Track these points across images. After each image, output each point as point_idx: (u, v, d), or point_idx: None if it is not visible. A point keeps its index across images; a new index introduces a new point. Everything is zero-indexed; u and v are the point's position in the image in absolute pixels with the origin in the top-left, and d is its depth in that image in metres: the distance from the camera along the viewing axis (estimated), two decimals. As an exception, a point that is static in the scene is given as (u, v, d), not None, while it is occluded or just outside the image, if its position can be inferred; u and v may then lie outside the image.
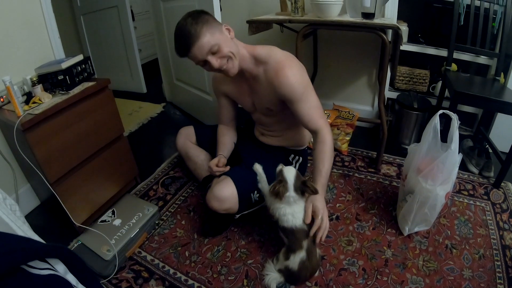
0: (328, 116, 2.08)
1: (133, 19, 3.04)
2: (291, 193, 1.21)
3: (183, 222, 1.60)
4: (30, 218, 1.71)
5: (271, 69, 1.29)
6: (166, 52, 2.53)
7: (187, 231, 1.55)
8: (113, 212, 1.61)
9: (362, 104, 2.36)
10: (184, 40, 1.19)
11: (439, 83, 2.27)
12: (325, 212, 1.24)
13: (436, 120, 1.40)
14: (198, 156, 1.69)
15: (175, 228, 1.57)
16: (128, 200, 1.70)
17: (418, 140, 2.15)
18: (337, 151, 2.07)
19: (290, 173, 1.24)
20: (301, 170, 1.60)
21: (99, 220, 1.56)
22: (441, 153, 1.39)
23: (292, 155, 1.58)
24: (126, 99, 3.04)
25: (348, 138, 2.05)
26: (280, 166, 1.27)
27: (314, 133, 1.35)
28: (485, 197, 1.76)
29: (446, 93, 2.08)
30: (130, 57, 3.05)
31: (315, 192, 1.21)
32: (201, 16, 1.20)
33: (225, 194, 1.35)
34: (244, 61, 1.32)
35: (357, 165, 1.98)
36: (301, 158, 1.60)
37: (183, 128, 1.77)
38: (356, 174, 1.90)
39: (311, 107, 1.32)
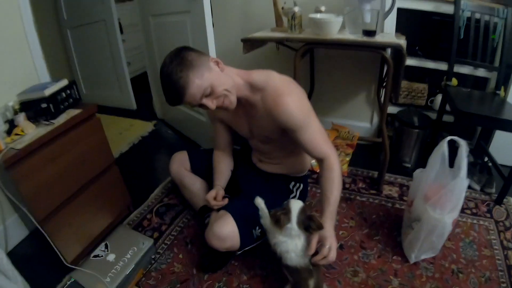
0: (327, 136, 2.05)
1: (122, 32, 2.98)
2: (293, 225, 1.16)
3: (180, 256, 1.54)
4: (19, 249, 1.64)
5: (269, 96, 1.24)
6: (156, 67, 2.47)
7: (185, 266, 1.50)
8: (106, 246, 1.55)
9: (360, 121, 2.34)
10: (174, 92, 1.15)
11: (438, 97, 2.27)
12: (334, 242, 1.18)
13: (444, 147, 1.37)
14: (193, 184, 1.64)
15: (173, 262, 1.52)
16: (122, 232, 1.64)
17: (419, 158, 2.18)
18: None
19: (295, 204, 1.20)
20: (302, 196, 1.57)
21: (92, 255, 1.49)
22: (449, 180, 1.36)
23: (293, 183, 1.55)
24: (116, 116, 2.98)
25: (348, 159, 2.03)
26: (287, 200, 1.24)
27: (320, 160, 1.31)
28: (488, 215, 1.76)
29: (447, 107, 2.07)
30: (119, 71, 2.98)
31: (319, 227, 1.17)
32: (184, 58, 1.14)
33: (226, 232, 1.30)
34: (240, 90, 1.27)
35: (358, 186, 1.95)
36: (302, 185, 1.57)
37: (176, 154, 1.72)
38: (358, 197, 1.87)
39: (314, 133, 1.28)
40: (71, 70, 3.24)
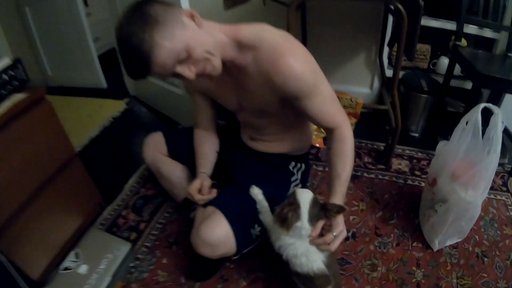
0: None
1: (86, 5, 2.56)
2: (304, 223, 0.88)
3: (164, 261, 1.24)
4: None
5: (265, 57, 0.90)
6: None
7: (171, 273, 1.20)
8: (76, 255, 1.22)
9: (359, 86, 2.02)
10: (136, 62, 0.80)
11: (442, 59, 1.97)
12: (343, 231, 0.94)
13: (477, 117, 1.09)
14: (173, 172, 1.31)
15: (156, 270, 1.21)
16: (93, 237, 1.31)
17: (426, 127, 1.90)
18: None
19: (304, 196, 0.90)
20: (304, 179, 1.27)
21: (62, 267, 1.18)
22: (483, 156, 1.09)
23: (293, 163, 1.24)
24: (85, 98, 2.56)
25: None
26: (293, 189, 0.94)
27: (330, 130, 1.03)
28: (504, 188, 1.56)
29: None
30: (84, 48, 2.57)
31: (341, 211, 0.90)
32: (146, 14, 0.78)
33: (217, 237, 1.00)
34: (225, 50, 0.92)
35: (364, 161, 1.67)
36: (303, 165, 1.27)
37: (150, 137, 1.37)
38: (366, 174, 1.60)
39: (325, 100, 0.98)
40: (34, 51, 2.78)
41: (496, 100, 1.87)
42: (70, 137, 1.37)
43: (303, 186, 1.26)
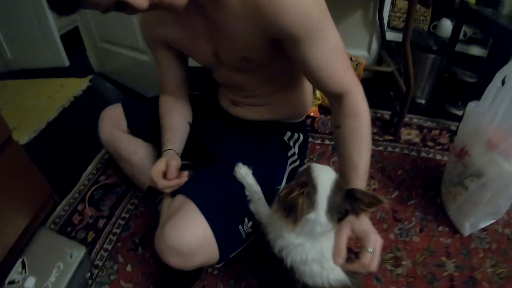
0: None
1: None
2: (320, 215, 0.56)
3: (128, 268, 0.91)
4: None
5: None
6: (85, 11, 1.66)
7: (137, 285, 0.87)
8: (23, 265, 0.91)
9: (354, 48, 1.67)
10: None
11: (443, 21, 1.66)
12: (378, 240, 0.61)
13: None
14: (134, 152, 0.95)
15: (118, 280, 0.88)
16: (43, 240, 0.97)
17: (433, 93, 1.57)
18: None
19: (326, 176, 0.58)
20: (302, 153, 0.95)
21: (7, 281, 0.87)
22: None
23: (289, 133, 0.91)
24: (46, 79, 2.14)
25: None
26: (306, 165, 0.61)
27: (338, 98, 0.69)
28: None
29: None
30: (44, 27, 2.18)
31: (375, 202, 0.57)
32: None
33: (190, 241, 0.67)
34: None
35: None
36: (301, 136, 0.94)
37: (106, 110, 1.02)
38: (373, 147, 1.28)
39: (333, 51, 0.65)
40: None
41: (501, 63, 1.59)
42: (28, 122, 1.02)
43: (301, 163, 0.95)
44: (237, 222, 0.72)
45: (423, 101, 1.51)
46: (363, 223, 0.62)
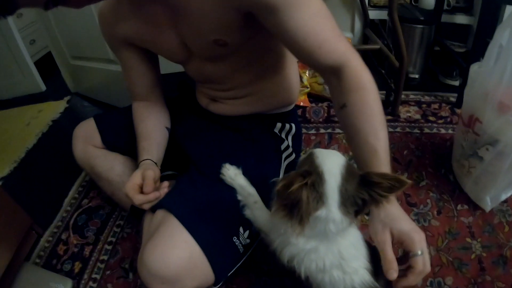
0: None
1: None
2: (332, 211, 0.44)
3: (119, 299, 0.78)
4: None
5: None
6: (51, 27, 1.56)
7: (129, 317, 0.74)
8: None
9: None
10: None
11: None
12: (422, 236, 0.49)
13: None
14: (111, 168, 0.83)
15: (108, 314, 0.75)
16: (27, 277, 0.85)
17: (425, 67, 1.44)
18: (328, 101, 1.29)
19: (332, 161, 0.46)
20: (296, 145, 0.83)
21: None
22: None
23: (279, 125, 0.79)
24: (22, 107, 1.99)
25: None
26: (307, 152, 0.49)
27: (334, 72, 0.56)
28: None
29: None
30: (16, 53, 2.03)
31: (399, 185, 0.43)
32: None
33: (175, 265, 0.54)
34: None
35: (366, 116, 1.24)
36: (293, 127, 0.82)
37: (79, 126, 0.91)
38: (372, 130, 1.16)
39: (317, 16, 0.53)
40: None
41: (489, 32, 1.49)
42: (7, 154, 0.91)
43: (298, 156, 0.83)
44: (231, 233, 0.60)
45: (416, 76, 1.40)
46: (399, 222, 0.49)
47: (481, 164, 0.86)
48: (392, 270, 0.46)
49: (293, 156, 0.80)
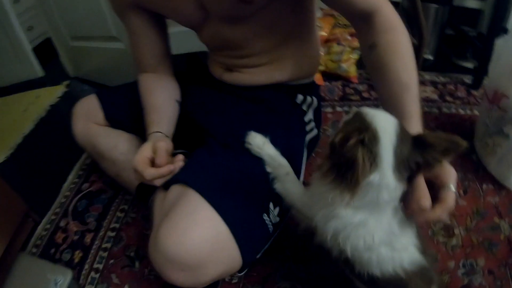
0: (320, 28, 1.21)
1: None
2: (387, 175, 0.36)
3: (126, 290, 0.71)
4: None
5: None
6: (50, 9, 1.46)
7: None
8: None
9: None
10: None
11: None
12: (454, 171, 0.43)
13: None
14: (115, 147, 0.74)
15: (114, 306, 0.68)
16: (22, 268, 0.77)
17: (439, 48, 1.34)
18: (343, 79, 1.21)
19: (385, 119, 0.39)
20: (317, 121, 0.75)
21: None
22: None
23: (301, 97, 0.70)
24: (19, 93, 1.87)
25: (356, 57, 1.19)
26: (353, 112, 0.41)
27: (365, 18, 0.52)
28: None
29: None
30: (13, 39, 1.90)
31: (455, 146, 0.38)
32: None
33: (199, 247, 0.45)
34: None
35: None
36: (314, 100, 0.74)
37: (80, 103, 0.82)
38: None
39: None
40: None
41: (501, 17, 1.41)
42: (3, 140, 0.84)
43: (319, 133, 0.76)
44: (261, 210, 0.51)
45: (430, 57, 1.34)
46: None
47: (506, 142, 0.80)
48: (425, 199, 0.41)
49: (315, 131, 0.73)
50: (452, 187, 0.42)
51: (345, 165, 0.34)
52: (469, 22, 1.53)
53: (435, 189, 0.43)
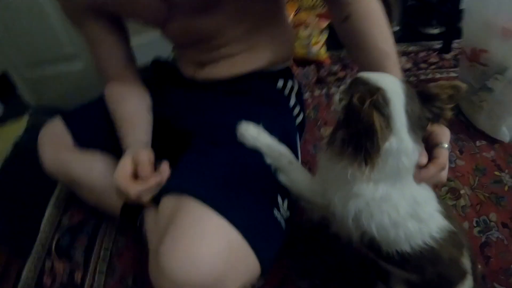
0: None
1: None
2: (404, 139, 0.33)
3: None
4: None
5: None
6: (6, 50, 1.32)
7: None
8: None
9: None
10: None
11: None
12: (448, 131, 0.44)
13: None
14: (89, 170, 0.65)
15: None
16: None
17: (403, 18, 1.31)
18: (315, 63, 1.17)
19: (389, 79, 0.35)
20: (302, 106, 0.70)
21: None
22: None
23: (281, 81, 0.65)
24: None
25: (325, 37, 1.16)
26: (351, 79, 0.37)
27: None
28: None
29: None
30: None
31: (458, 92, 0.36)
32: None
33: (212, 263, 0.37)
34: None
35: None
36: (295, 83, 0.69)
37: (44, 129, 0.73)
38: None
39: None
40: None
41: None
42: None
43: (304, 117, 0.71)
44: (270, 206, 0.45)
45: (397, 28, 1.35)
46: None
47: (491, 96, 0.80)
48: (422, 156, 0.39)
49: (301, 116, 0.68)
50: (445, 145, 0.42)
51: (363, 132, 0.30)
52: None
53: (428, 147, 0.42)
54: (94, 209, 0.79)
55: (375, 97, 0.30)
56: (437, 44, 1.20)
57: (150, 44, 0.77)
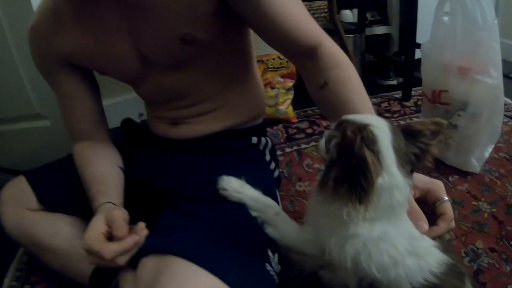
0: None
1: None
2: (394, 174, 0.33)
3: None
4: None
5: None
6: None
7: None
8: None
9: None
10: None
11: (343, 12, 1.67)
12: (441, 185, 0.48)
13: None
14: (55, 234, 0.58)
15: None
16: None
17: (361, 73, 1.51)
18: (283, 121, 1.20)
19: (373, 118, 0.37)
20: (276, 162, 0.71)
21: None
22: (482, 33, 0.77)
23: (255, 139, 0.65)
24: None
25: (291, 96, 1.22)
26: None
27: (310, 53, 0.51)
28: None
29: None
30: None
31: (440, 127, 0.39)
32: None
33: None
34: None
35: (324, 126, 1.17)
36: (268, 140, 0.69)
37: (6, 188, 0.64)
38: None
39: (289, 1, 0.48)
40: None
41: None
42: None
43: (280, 173, 0.73)
44: (261, 260, 0.42)
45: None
46: (417, 175, 0.44)
47: (457, 132, 0.86)
48: (422, 222, 0.41)
49: (277, 172, 0.69)
50: (445, 198, 0.45)
51: (357, 167, 0.29)
52: (381, 47, 1.75)
53: (429, 205, 0.45)
54: (59, 277, 0.69)
55: (365, 133, 0.31)
56: (397, 94, 1.34)
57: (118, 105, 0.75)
